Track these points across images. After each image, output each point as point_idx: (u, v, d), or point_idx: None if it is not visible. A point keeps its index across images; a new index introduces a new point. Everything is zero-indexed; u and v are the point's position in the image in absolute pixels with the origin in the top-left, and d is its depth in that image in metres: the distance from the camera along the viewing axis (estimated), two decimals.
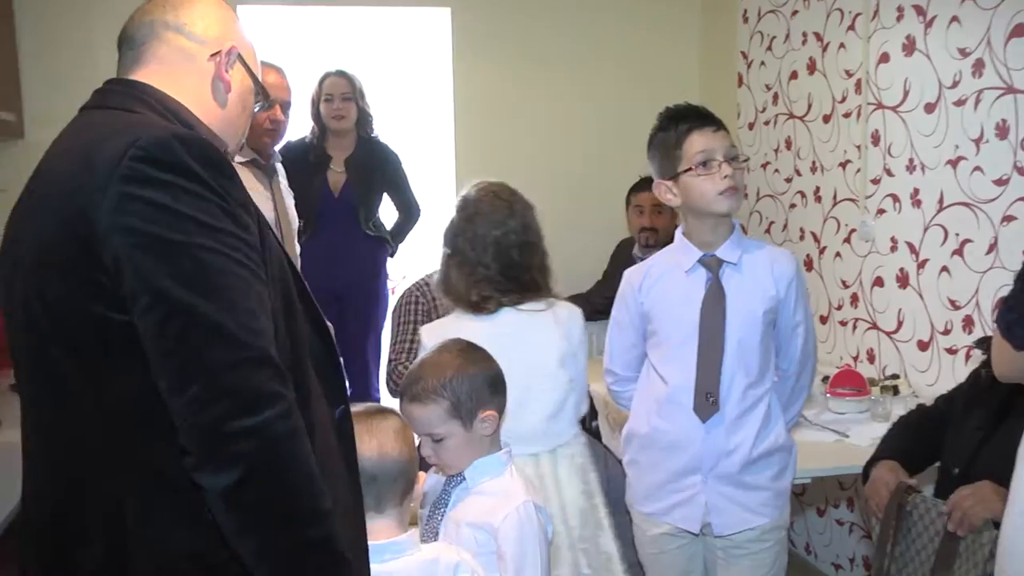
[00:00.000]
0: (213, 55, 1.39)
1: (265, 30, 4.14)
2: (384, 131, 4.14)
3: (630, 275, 2.31)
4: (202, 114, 1.38)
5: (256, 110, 1.51)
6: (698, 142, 2.11)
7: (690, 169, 2.10)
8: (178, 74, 1.37)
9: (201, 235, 1.15)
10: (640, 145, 4.42)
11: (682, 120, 2.15)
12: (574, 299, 4.30)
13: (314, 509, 1.18)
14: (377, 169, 4.04)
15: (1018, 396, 1.94)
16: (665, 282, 2.22)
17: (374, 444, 1.70)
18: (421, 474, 1.86)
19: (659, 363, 2.23)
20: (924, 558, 2.08)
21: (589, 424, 3.65)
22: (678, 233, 2.24)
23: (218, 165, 1.20)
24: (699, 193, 2.11)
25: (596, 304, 4.38)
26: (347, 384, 1.47)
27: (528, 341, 2.30)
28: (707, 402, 2.14)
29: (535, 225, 2.47)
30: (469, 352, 1.97)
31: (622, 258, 4.26)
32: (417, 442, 1.88)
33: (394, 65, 4.43)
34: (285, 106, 3.06)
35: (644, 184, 4.06)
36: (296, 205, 3.27)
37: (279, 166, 3.16)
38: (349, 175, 3.98)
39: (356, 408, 1.81)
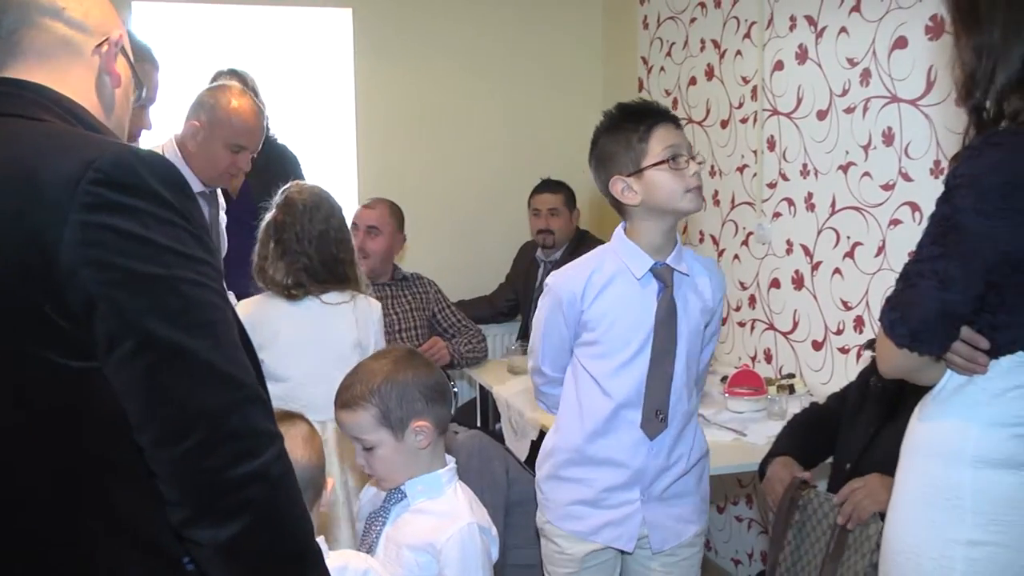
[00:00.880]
0: (98, 45, 1.23)
1: (160, 28, 4.04)
2: (282, 132, 4.07)
3: (566, 281, 2.10)
4: (96, 116, 1.23)
5: (134, 103, 1.35)
6: (665, 136, 2.01)
7: (659, 164, 1.99)
8: (65, 69, 1.20)
9: (180, 266, 1.05)
10: (543, 147, 4.58)
11: (645, 115, 2.05)
12: (477, 302, 4.36)
13: (313, 550, 1.14)
14: (276, 170, 3.97)
15: (907, 394, 2.01)
16: (614, 291, 2.07)
17: None
18: (330, 479, 1.83)
19: (603, 376, 2.08)
20: (817, 551, 2.15)
21: (492, 426, 3.68)
22: (621, 236, 2.10)
23: (181, 186, 1.10)
24: (667, 190, 1.99)
25: (500, 307, 4.41)
26: None
27: (326, 326, 2.62)
28: (656, 419, 2.08)
29: (346, 224, 2.76)
30: (405, 359, 1.90)
31: (525, 260, 4.30)
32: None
33: (294, 65, 4.35)
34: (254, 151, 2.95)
35: (542, 186, 4.11)
36: None
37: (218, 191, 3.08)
38: (247, 176, 3.90)
39: None
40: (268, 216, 2.68)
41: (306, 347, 2.58)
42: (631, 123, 2.05)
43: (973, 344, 1.43)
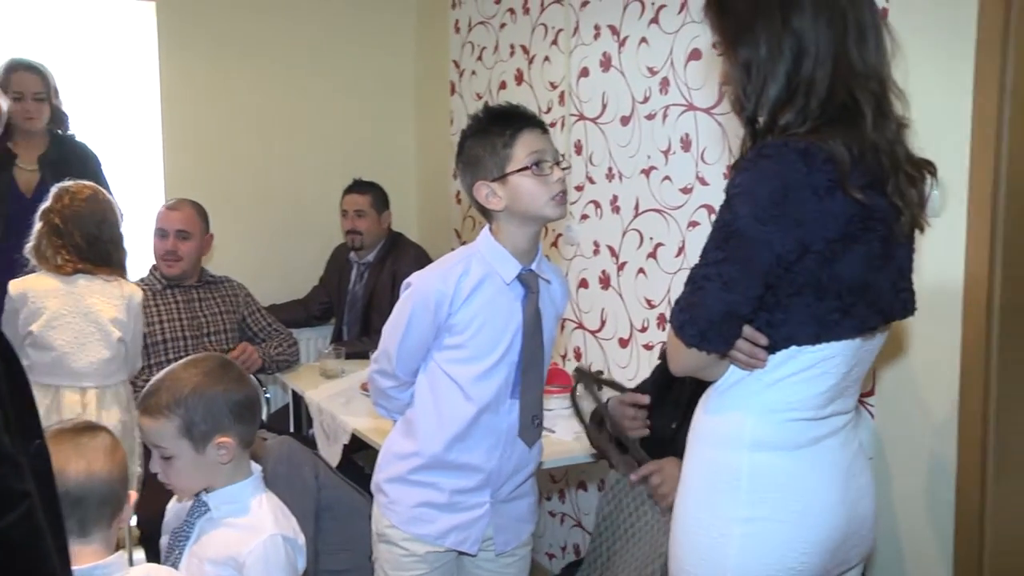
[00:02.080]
0: None
1: None
2: (84, 130, 3.89)
3: (437, 281, 2.06)
4: None
5: None
6: (530, 142, 2.00)
7: (523, 169, 1.99)
8: None
9: None
10: (357, 148, 4.56)
11: (511, 119, 2.04)
12: (290, 305, 4.30)
13: None
14: (75, 169, 3.79)
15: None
16: (483, 295, 2.05)
17: (82, 464, 1.60)
18: (132, 493, 1.77)
19: (466, 381, 2.07)
20: (624, 531, 2.25)
21: (305, 431, 3.64)
22: (489, 239, 2.08)
23: None
24: (531, 195, 1.99)
25: (313, 310, 4.37)
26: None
27: (89, 301, 2.96)
28: (533, 426, 2.13)
29: (113, 209, 3.08)
30: (217, 372, 1.84)
31: (339, 262, 4.27)
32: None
33: (96, 60, 4.16)
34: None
35: (350, 188, 4.10)
36: None
37: None
38: (43, 174, 3.69)
39: (64, 425, 1.71)
40: (45, 204, 3.01)
41: (70, 319, 2.94)
42: (497, 128, 2.03)
43: (754, 341, 1.53)
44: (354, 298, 4.12)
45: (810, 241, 1.47)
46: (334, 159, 4.49)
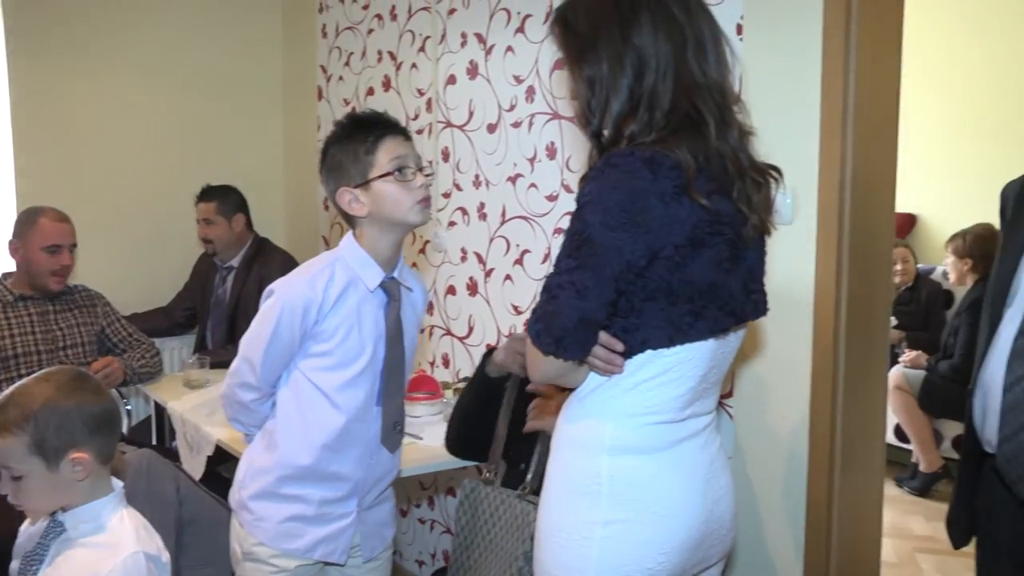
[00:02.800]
0: None
1: None
2: None
3: (303, 288, 2.02)
4: None
5: None
6: (393, 148, 2.01)
7: (385, 175, 2.00)
8: None
9: None
10: (223, 154, 4.46)
11: (374, 126, 2.04)
12: (152, 314, 4.19)
13: None
14: None
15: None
16: (348, 302, 2.05)
17: None
18: None
19: (332, 390, 2.06)
20: (483, 536, 2.26)
21: (168, 444, 3.54)
22: (352, 245, 2.07)
23: None
24: (394, 201, 2.00)
25: (177, 318, 4.26)
26: None
27: None
28: (395, 432, 2.14)
29: None
30: (71, 384, 1.76)
31: (204, 267, 4.18)
32: None
33: None
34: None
35: (198, 195, 4.01)
36: None
37: None
38: None
39: None
40: None
41: None
42: (359, 134, 2.03)
43: (610, 347, 1.56)
44: (219, 303, 4.03)
45: (659, 247, 1.50)
46: (198, 163, 4.38)
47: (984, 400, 1.93)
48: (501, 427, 2.34)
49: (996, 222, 2.12)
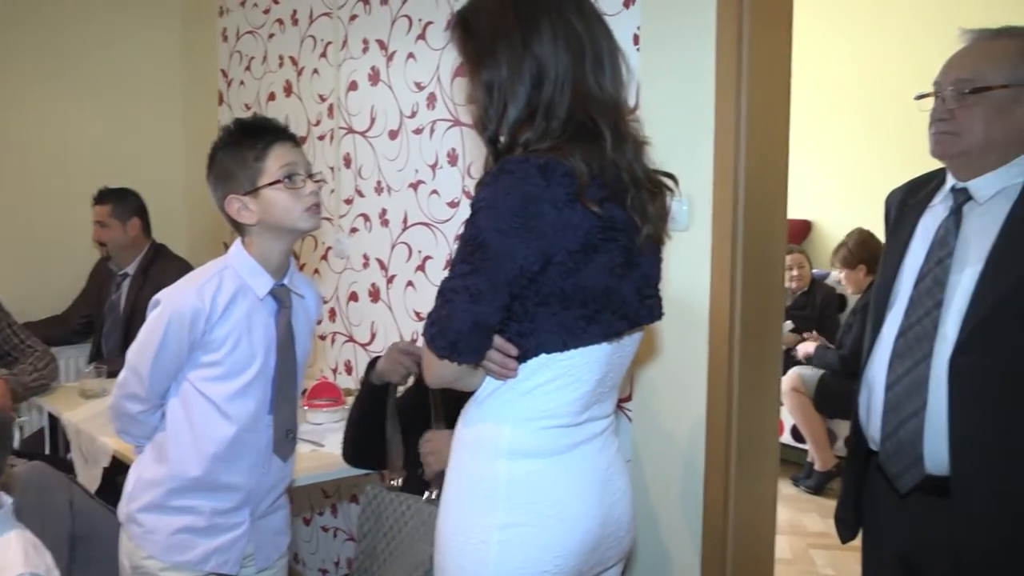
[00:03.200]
0: None
1: None
2: None
3: (191, 298, 1.98)
4: None
5: None
6: (282, 155, 1.99)
7: (275, 183, 1.97)
8: None
9: None
10: (122, 158, 4.36)
11: (262, 132, 2.02)
12: (48, 322, 4.08)
13: None
14: None
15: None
16: (237, 310, 2.02)
17: None
18: None
19: (223, 400, 2.03)
20: (389, 539, 2.26)
21: (63, 455, 3.44)
22: (241, 253, 2.04)
23: None
24: (284, 208, 1.98)
25: (73, 325, 4.16)
26: None
27: None
28: (287, 440, 2.12)
29: None
30: None
31: (101, 274, 4.09)
32: None
33: None
34: None
35: (95, 198, 3.92)
36: None
37: None
38: None
39: None
40: None
41: None
42: (248, 140, 2.01)
43: (504, 351, 1.58)
44: (114, 311, 3.94)
45: (552, 252, 1.52)
46: (97, 168, 4.29)
47: (868, 399, 2.00)
48: (391, 434, 2.34)
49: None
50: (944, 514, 1.84)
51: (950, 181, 1.94)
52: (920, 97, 1.94)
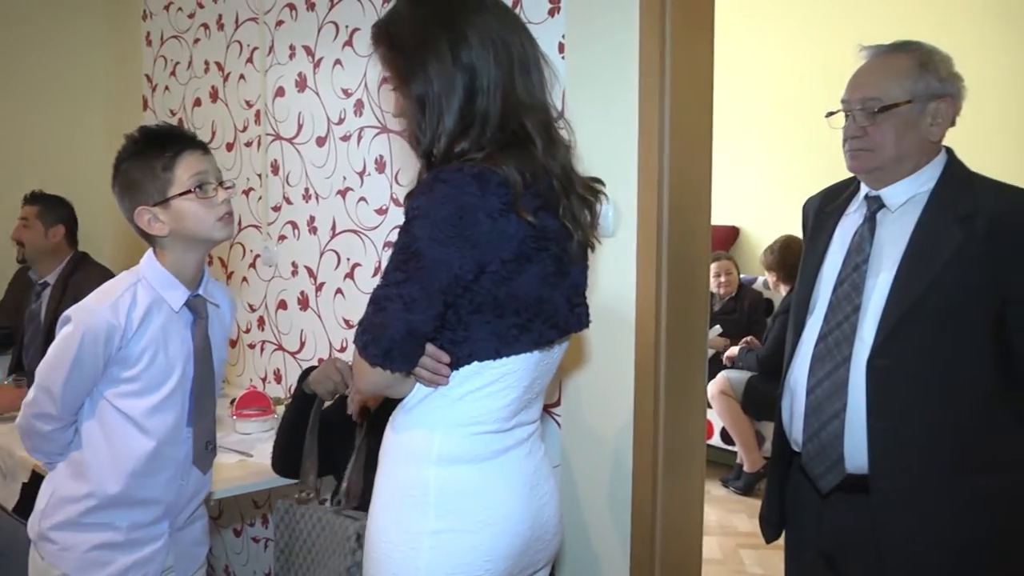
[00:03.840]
0: None
1: None
2: None
3: (105, 313, 1.92)
4: None
5: None
6: (192, 164, 1.94)
7: (185, 193, 1.93)
8: None
9: None
10: (44, 163, 4.26)
11: (170, 141, 1.96)
12: None
13: None
14: None
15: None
16: (152, 324, 1.97)
17: None
18: None
19: (140, 415, 1.98)
20: (314, 554, 2.25)
21: None
22: (154, 265, 1.99)
23: None
24: (196, 219, 1.94)
25: None
26: None
27: None
28: (207, 451, 2.10)
29: None
30: None
31: (21, 283, 3.99)
32: None
33: None
34: None
35: (30, 196, 3.83)
36: None
37: None
38: None
39: None
40: None
41: None
42: (155, 150, 1.95)
43: (437, 359, 1.58)
44: (34, 321, 3.85)
45: (486, 261, 1.53)
46: (18, 174, 4.18)
47: (791, 402, 2.04)
48: (308, 446, 2.33)
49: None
50: (864, 512, 1.89)
51: (864, 189, 2.00)
52: (831, 114, 2.01)
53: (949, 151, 1.96)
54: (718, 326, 5.30)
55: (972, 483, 1.83)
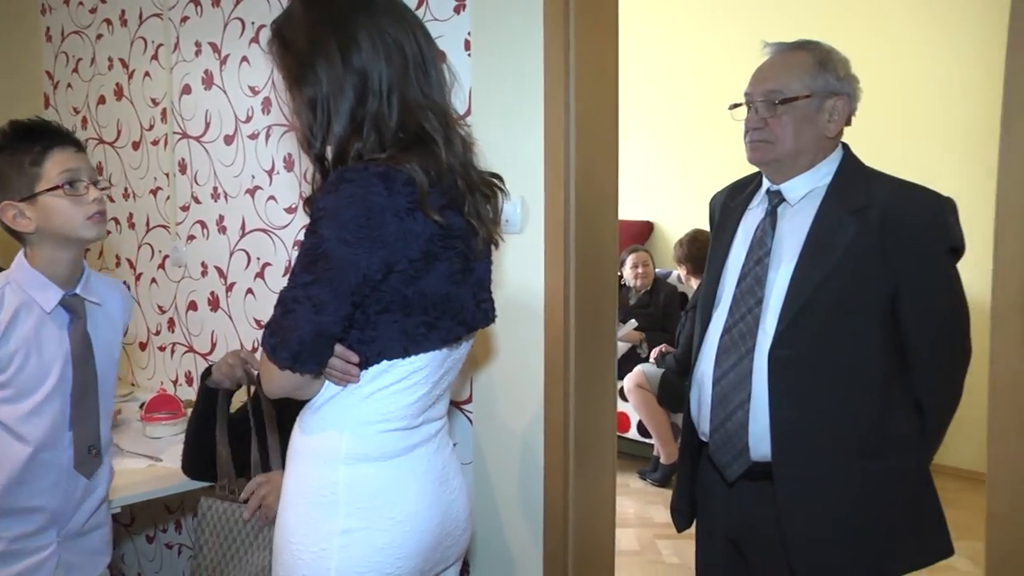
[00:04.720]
0: None
1: None
2: None
3: None
4: None
5: None
6: (62, 160, 1.90)
7: (55, 189, 1.88)
8: None
9: None
10: None
11: (40, 136, 1.91)
12: None
13: None
14: None
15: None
16: (22, 327, 1.91)
17: None
18: None
19: (15, 421, 1.93)
20: (224, 549, 2.22)
21: None
22: (24, 265, 1.95)
23: None
24: (65, 217, 1.90)
25: None
26: None
27: None
28: (91, 456, 2.02)
29: None
30: None
31: None
32: None
33: None
34: None
35: None
36: None
37: None
38: None
39: None
40: None
41: None
42: (24, 144, 1.91)
43: (346, 359, 1.58)
44: None
45: (394, 261, 1.53)
46: None
47: (699, 394, 2.08)
48: (220, 442, 2.30)
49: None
50: (769, 499, 1.94)
51: (766, 184, 2.05)
52: (734, 107, 2.05)
53: (846, 147, 2.01)
54: (633, 320, 5.36)
55: (871, 467, 1.89)
